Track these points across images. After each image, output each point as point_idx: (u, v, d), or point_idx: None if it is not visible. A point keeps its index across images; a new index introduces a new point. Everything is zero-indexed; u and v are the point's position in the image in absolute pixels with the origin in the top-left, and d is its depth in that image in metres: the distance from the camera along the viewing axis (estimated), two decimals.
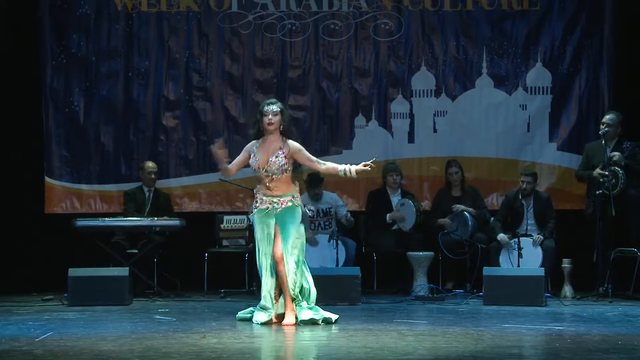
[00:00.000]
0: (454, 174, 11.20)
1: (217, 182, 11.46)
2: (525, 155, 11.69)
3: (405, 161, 11.69)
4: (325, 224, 11.16)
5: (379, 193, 11.30)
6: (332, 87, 11.82)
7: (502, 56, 11.74)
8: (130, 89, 11.78)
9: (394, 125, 11.80)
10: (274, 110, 7.93)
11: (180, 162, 11.79)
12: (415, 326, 7.87)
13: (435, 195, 11.47)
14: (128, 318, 8.55)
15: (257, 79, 11.82)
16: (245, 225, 11.15)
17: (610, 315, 8.59)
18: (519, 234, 10.49)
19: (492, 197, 11.71)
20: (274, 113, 7.92)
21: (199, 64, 11.81)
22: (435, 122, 11.80)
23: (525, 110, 11.74)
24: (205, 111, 11.81)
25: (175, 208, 11.52)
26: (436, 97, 11.79)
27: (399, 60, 11.80)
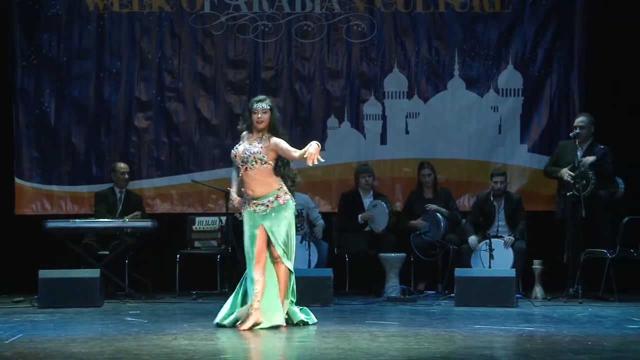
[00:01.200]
0: (427, 176, 11.22)
1: (189, 184, 11.46)
2: (497, 156, 11.72)
3: (378, 162, 11.70)
4: (297, 225, 11.02)
5: (351, 194, 11.30)
6: (304, 89, 11.80)
7: (474, 58, 11.77)
8: (101, 89, 11.73)
9: (367, 127, 11.80)
10: (263, 108, 7.81)
11: (152, 163, 11.74)
12: (387, 327, 7.87)
13: (408, 196, 11.48)
14: (99, 320, 8.49)
15: (230, 80, 11.79)
16: (217, 227, 11.14)
17: (580, 316, 8.60)
18: (490, 235, 10.52)
19: (464, 198, 11.74)
20: (263, 111, 7.81)
21: (171, 64, 11.77)
22: (407, 123, 11.80)
23: (496, 112, 11.77)
24: (177, 112, 11.77)
25: (147, 209, 11.48)
26: (408, 98, 11.80)
27: (372, 62, 11.81)
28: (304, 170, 11.09)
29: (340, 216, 11.38)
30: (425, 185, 11.26)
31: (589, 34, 11.60)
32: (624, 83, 11.29)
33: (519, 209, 10.90)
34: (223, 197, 10.66)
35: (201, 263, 11.03)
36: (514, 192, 11.25)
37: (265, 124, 7.81)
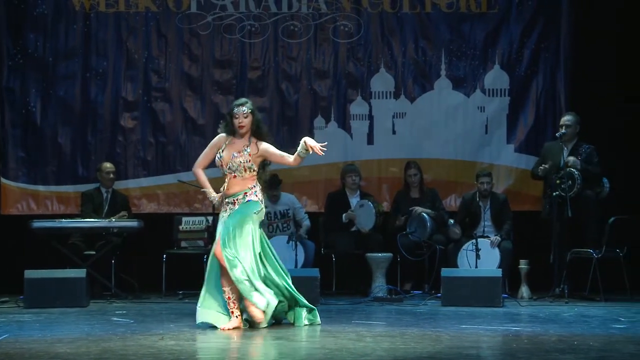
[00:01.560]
0: (413, 176, 11.22)
1: (175, 184, 11.45)
2: (483, 157, 11.74)
3: (364, 162, 11.70)
4: (284, 225, 11.16)
5: (338, 194, 11.30)
6: (291, 89, 11.80)
7: (461, 58, 11.78)
8: (88, 89, 11.71)
9: (353, 127, 11.81)
10: (244, 112, 7.75)
11: (139, 163, 11.72)
12: (373, 327, 7.86)
13: (394, 196, 11.48)
14: (85, 320, 8.44)
15: (217, 80, 11.78)
16: (203, 227, 11.14)
17: (567, 316, 8.61)
18: (477, 235, 10.53)
19: (451, 198, 11.76)
20: (244, 115, 7.75)
21: (157, 64, 11.76)
22: (394, 123, 11.82)
23: (483, 112, 11.79)
24: (164, 112, 11.76)
25: (134, 209, 11.46)
26: (395, 98, 11.81)
27: (358, 62, 11.81)
28: (289, 171, 11.21)
29: (326, 216, 11.37)
30: (411, 185, 11.26)
31: (575, 34, 11.61)
32: (610, 83, 11.29)
33: (505, 209, 10.91)
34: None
35: (188, 263, 10.98)
36: (500, 193, 11.26)
37: (248, 128, 7.75)
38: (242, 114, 7.73)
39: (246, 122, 7.71)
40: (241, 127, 7.72)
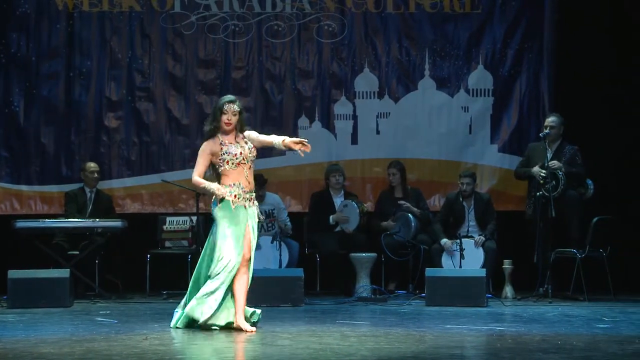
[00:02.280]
0: (392, 175, 11.25)
1: (159, 184, 11.41)
2: (467, 156, 11.75)
3: (349, 162, 11.70)
4: (268, 225, 11.14)
5: (322, 194, 11.31)
6: (275, 89, 11.80)
7: (445, 58, 11.79)
8: (71, 89, 11.67)
9: (337, 127, 11.81)
10: (234, 109, 7.63)
11: (123, 163, 11.69)
12: (358, 327, 7.86)
13: (378, 196, 11.49)
14: (69, 320, 8.42)
15: (200, 79, 11.76)
16: (187, 227, 11.13)
17: (550, 316, 8.63)
18: (461, 235, 10.57)
19: (434, 198, 11.77)
20: (233, 112, 7.63)
21: (141, 64, 11.73)
22: (378, 123, 11.82)
23: (467, 112, 11.81)
24: (147, 112, 11.73)
25: (117, 209, 11.44)
26: (379, 98, 11.82)
27: (342, 62, 11.82)
28: (274, 170, 11.25)
29: (311, 216, 11.38)
30: (391, 184, 11.25)
31: (558, 34, 11.63)
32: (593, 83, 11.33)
33: (489, 209, 10.93)
34: (194, 197, 10.60)
35: (172, 263, 10.95)
36: (484, 192, 11.28)
37: (233, 126, 7.65)
38: (232, 112, 7.63)
39: (234, 120, 7.63)
40: (228, 124, 7.61)
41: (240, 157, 7.57)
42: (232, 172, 7.57)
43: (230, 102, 7.65)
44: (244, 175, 7.58)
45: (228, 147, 7.58)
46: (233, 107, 7.63)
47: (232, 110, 7.61)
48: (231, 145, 7.60)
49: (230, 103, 7.64)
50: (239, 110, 7.66)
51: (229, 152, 7.57)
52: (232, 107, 7.63)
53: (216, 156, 7.61)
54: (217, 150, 7.59)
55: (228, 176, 7.58)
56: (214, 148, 7.61)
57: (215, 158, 7.62)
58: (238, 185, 7.55)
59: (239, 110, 7.66)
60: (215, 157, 7.62)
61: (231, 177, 7.57)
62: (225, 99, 7.73)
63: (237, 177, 7.56)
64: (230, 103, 7.64)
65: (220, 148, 7.58)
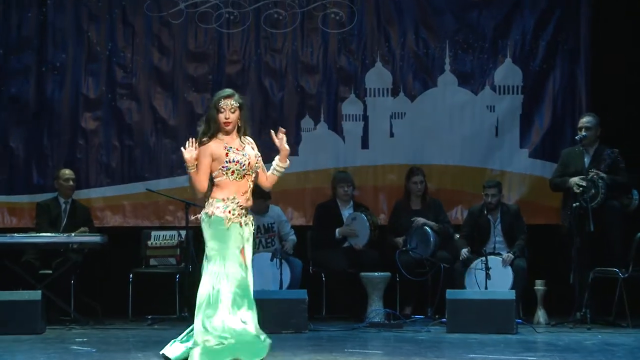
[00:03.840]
0: (418, 184, 11.21)
1: (144, 193, 11.40)
2: (493, 162, 11.76)
3: (358, 169, 11.72)
4: (267, 241, 11.15)
5: (328, 206, 11.29)
6: (275, 85, 11.82)
7: (467, 51, 11.80)
8: (43, 85, 11.72)
9: (346, 129, 11.83)
10: (232, 105, 7.26)
11: (102, 169, 11.72)
12: (369, 357, 7.82)
13: (393, 208, 11.48)
14: (41, 349, 8.38)
15: (190, 75, 11.78)
16: (176, 242, 11.11)
17: (589, 344, 8.59)
18: (486, 252, 10.52)
19: (456, 210, 11.77)
20: (231, 109, 7.27)
21: (123, 57, 11.76)
22: (392, 124, 11.84)
23: (493, 112, 11.81)
24: (130, 111, 11.75)
25: (96, 222, 11.44)
26: (393, 96, 11.84)
27: (351, 55, 11.83)
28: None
29: (315, 230, 11.36)
30: (414, 194, 11.24)
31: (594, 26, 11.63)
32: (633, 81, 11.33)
33: (518, 222, 10.92)
34: (182, 209, 10.61)
35: (157, 283, 10.95)
36: (512, 204, 11.28)
37: (234, 126, 7.26)
38: (229, 108, 7.30)
39: (233, 117, 7.23)
40: (227, 124, 7.23)
41: (247, 167, 7.22)
42: (232, 184, 7.18)
43: (227, 97, 7.23)
44: (245, 189, 7.21)
45: (235, 155, 7.18)
46: (230, 102, 7.24)
47: (229, 106, 7.28)
48: (238, 152, 7.21)
49: (226, 98, 7.23)
50: (237, 106, 7.25)
51: (236, 160, 7.17)
52: (229, 102, 7.24)
53: (219, 162, 7.18)
54: (221, 154, 7.17)
55: (224, 188, 7.18)
56: (218, 151, 7.18)
57: (216, 164, 7.19)
58: (232, 199, 7.17)
59: (237, 105, 7.25)
60: (217, 163, 7.19)
61: (228, 189, 7.19)
62: (220, 94, 7.33)
63: (235, 190, 7.18)
64: (227, 98, 7.22)
65: (226, 154, 7.18)
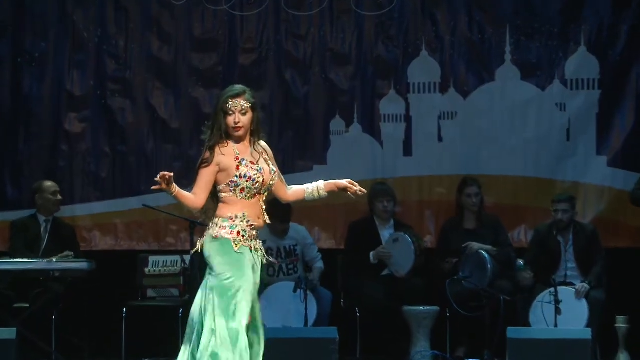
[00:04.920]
0: (473, 197, 11.17)
1: (140, 210, 11.39)
2: (564, 172, 11.74)
3: (400, 181, 11.77)
4: (289, 267, 11.17)
5: (364, 225, 11.26)
6: (298, 79, 11.87)
7: (532, 37, 11.81)
8: (20, 80, 11.81)
9: (385, 132, 11.87)
10: (242, 106, 7.08)
11: (89, 181, 11.79)
12: None
13: (442, 227, 11.45)
14: None
15: (196, 67, 11.83)
16: (178, 270, 11.12)
17: None
18: (556, 281, 10.50)
19: (519, 230, 11.77)
20: (242, 110, 7.12)
21: (115, 46, 11.83)
22: (440, 127, 11.88)
23: (563, 112, 11.80)
24: (123, 111, 11.80)
25: (82, 245, 11.46)
26: (442, 92, 11.88)
27: (391, 43, 11.86)
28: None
29: (348, 254, 11.33)
30: (467, 210, 11.22)
31: None
32: None
33: (595, 245, 10.91)
34: (187, 229, 10.56)
35: (156, 319, 11.00)
36: (587, 223, 11.26)
37: (245, 130, 7.12)
38: (239, 109, 7.11)
39: (245, 120, 7.06)
40: (237, 129, 7.07)
41: (259, 186, 7.08)
42: (239, 202, 7.08)
43: (236, 96, 7.07)
44: (257, 208, 7.12)
45: (247, 169, 7.04)
46: (240, 102, 7.09)
47: (240, 107, 7.09)
48: (252, 167, 7.06)
49: (235, 97, 7.08)
50: (249, 106, 7.10)
51: (247, 176, 7.02)
52: (239, 102, 7.08)
53: (227, 175, 7.05)
54: (230, 165, 7.03)
55: (231, 205, 7.07)
56: (228, 161, 7.05)
57: (224, 176, 7.07)
58: (242, 217, 7.06)
59: (249, 105, 7.09)
60: (224, 175, 7.07)
61: (236, 207, 7.08)
62: (227, 92, 7.16)
63: (245, 208, 7.09)
64: (236, 97, 7.07)
65: (237, 167, 7.05)
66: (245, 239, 7.03)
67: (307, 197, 7.33)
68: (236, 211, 7.03)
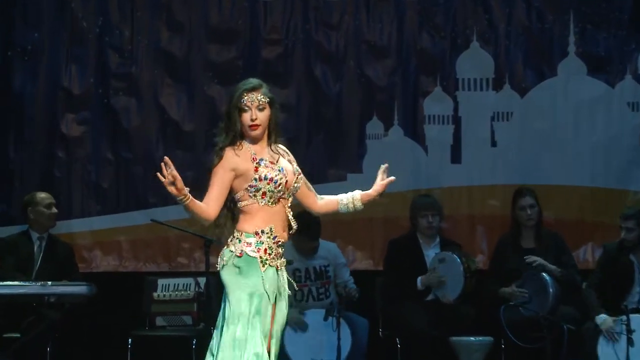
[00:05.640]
0: (528, 209, 11.07)
1: (147, 225, 11.47)
2: (638, 182, 11.80)
3: (448, 192, 11.85)
4: (320, 291, 11.16)
5: (406, 243, 11.20)
6: (330, 74, 11.95)
7: (600, 26, 11.92)
8: (10, 76, 11.89)
9: (429, 136, 11.96)
10: (259, 100, 7.15)
11: (89, 192, 11.87)
12: None
13: (496, 245, 11.36)
14: None
15: (212, 61, 11.91)
16: (192, 294, 11.11)
17: None
18: (628, 308, 10.42)
19: (585, 249, 11.83)
20: (259, 105, 7.16)
21: (119, 37, 11.91)
22: (494, 129, 11.96)
23: (636, 112, 11.93)
24: (128, 112, 11.89)
25: (82, 266, 11.49)
26: (495, 90, 11.97)
27: (437, 33, 11.95)
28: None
29: (387, 277, 11.26)
30: (524, 225, 11.11)
31: None
32: None
33: None
34: (201, 247, 10.54)
35: (167, 351, 11.06)
36: None
37: (263, 129, 7.17)
38: (256, 104, 7.15)
39: (262, 117, 7.12)
40: (254, 127, 7.11)
41: (283, 188, 7.10)
42: (263, 210, 7.09)
43: (252, 90, 7.14)
44: (282, 216, 7.14)
45: (267, 170, 7.07)
46: (257, 96, 7.14)
47: (257, 102, 7.14)
48: (272, 167, 7.11)
49: (251, 92, 7.13)
50: (267, 101, 7.16)
51: (269, 178, 7.05)
52: (256, 97, 7.13)
53: (245, 180, 7.07)
54: (248, 168, 7.05)
55: (254, 216, 7.08)
56: (244, 164, 7.05)
57: (241, 182, 7.09)
58: (269, 232, 7.09)
59: (267, 100, 7.16)
60: (242, 181, 7.09)
61: (260, 218, 7.08)
62: (242, 86, 7.20)
63: (271, 219, 7.10)
64: (252, 91, 7.13)
65: (255, 169, 7.07)
66: (272, 257, 7.04)
67: (341, 209, 7.32)
68: (261, 225, 7.04)
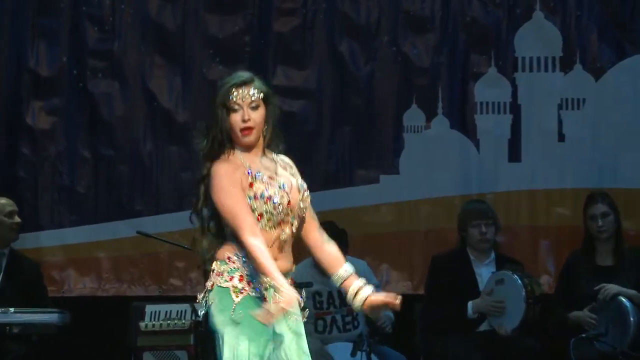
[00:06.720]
0: (599, 218, 10.93)
1: (133, 239, 11.58)
2: None
3: (505, 197, 11.90)
4: (346, 320, 11.20)
5: (453, 259, 11.10)
6: (359, 53, 11.98)
7: None
8: None
9: (482, 127, 12.02)
10: (252, 97, 7.09)
11: (62, 198, 11.98)
12: None
13: (565, 263, 11.23)
14: None
15: (213, 35, 12.05)
16: (187, 324, 11.00)
17: None
18: None
19: None
20: (251, 103, 7.07)
21: (98, 7, 12.06)
22: (561, 120, 11.98)
23: None
24: (110, 99, 11.99)
25: (52, 289, 11.56)
26: (563, 71, 12.00)
27: (491, 1, 12.00)
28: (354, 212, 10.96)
29: (430, 302, 11.14)
30: (598, 238, 10.90)
31: None
32: None
33: None
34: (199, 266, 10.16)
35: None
36: None
37: (258, 132, 7.10)
38: (248, 102, 7.04)
39: (256, 118, 7.04)
40: (247, 132, 7.05)
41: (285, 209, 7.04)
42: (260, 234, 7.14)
43: (242, 85, 7.06)
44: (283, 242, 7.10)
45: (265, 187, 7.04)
46: (249, 92, 7.06)
47: (249, 99, 7.05)
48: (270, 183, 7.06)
49: (241, 86, 7.06)
50: (262, 97, 7.09)
51: (265, 195, 7.02)
52: (248, 93, 7.06)
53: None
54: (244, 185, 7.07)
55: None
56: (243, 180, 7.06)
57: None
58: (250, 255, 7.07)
59: (260, 96, 7.08)
60: None
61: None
62: (230, 80, 7.12)
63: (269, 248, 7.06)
64: (242, 86, 7.06)
65: (250, 184, 7.04)
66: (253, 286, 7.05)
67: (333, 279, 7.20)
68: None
